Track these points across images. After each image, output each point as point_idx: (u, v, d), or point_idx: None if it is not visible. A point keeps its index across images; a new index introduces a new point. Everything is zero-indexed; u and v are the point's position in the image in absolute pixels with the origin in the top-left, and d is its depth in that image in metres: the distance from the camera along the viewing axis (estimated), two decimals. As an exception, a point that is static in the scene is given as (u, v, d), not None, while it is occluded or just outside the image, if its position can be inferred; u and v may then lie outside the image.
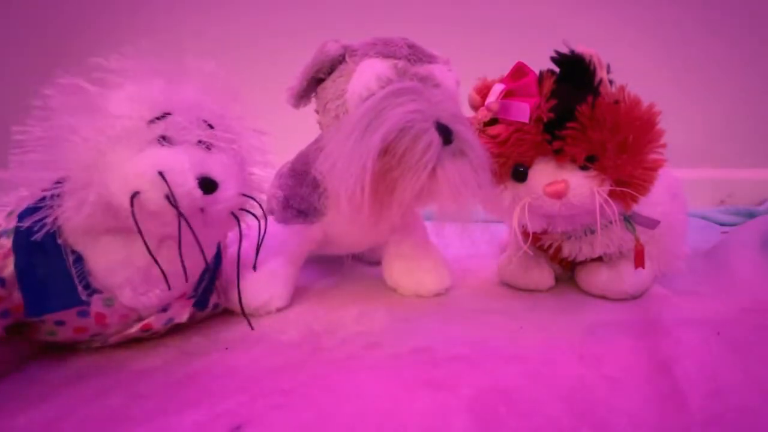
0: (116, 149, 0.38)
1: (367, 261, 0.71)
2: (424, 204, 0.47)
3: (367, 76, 0.45)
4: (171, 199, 0.37)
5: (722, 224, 0.95)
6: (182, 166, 0.38)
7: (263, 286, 0.52)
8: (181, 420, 0.34)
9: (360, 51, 0.47)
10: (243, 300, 0.51)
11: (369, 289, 0.60)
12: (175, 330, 0.47)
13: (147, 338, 0.45)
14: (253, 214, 0.44)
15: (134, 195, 0.37)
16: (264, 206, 0.45)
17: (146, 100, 0.40)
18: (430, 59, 0.48)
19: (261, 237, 0.46)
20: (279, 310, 0.53)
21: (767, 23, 1.07)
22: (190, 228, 0.38)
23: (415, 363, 0.42)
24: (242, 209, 0.43)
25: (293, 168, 0.57)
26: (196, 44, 1.10)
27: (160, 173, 0.37)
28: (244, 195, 0.42)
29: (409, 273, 0.58)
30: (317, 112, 0.51)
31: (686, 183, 0.62)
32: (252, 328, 0.48)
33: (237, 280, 0.49)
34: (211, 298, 0.49)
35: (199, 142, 0.41)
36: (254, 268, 0.50)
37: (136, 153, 0.38)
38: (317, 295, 0.58)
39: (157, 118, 0.39)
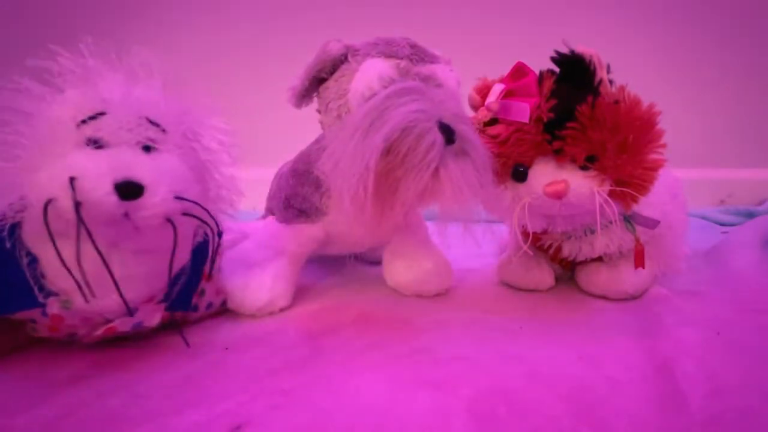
0: (42, 153, 0.37)
1: (368, 261, 0.71)
2: (426, 204, 0.47)
3: (369, 75, 0.45)
4: (78, 206, 0.35)
5: (722, 224, 0.95)
6: (97, 170, 0.36)
7: (266, 286, 0.52)
8: (181, 420, 0.34)
9: (362, 51, 0.47)
10: (247, 300, 0.52)
11: (369, 289, 0.60)
12: (174, 330, 0.47)
13: (141, 337, 0.45)
14: (202, 220, 0.41)
15: (48, 202, 0.35)
16: (212, 212, 0.43)
17: (75, 100, 0.38)
18: (432, 59, 0.48)
19: (215, 245, 0.43)
20: (282, 310, 0.53)
21: (767, 24, 1.07)
22: (91, 238, 0.36)
23: (415, 363, 0.42)
24: (188, 214, 0.40)
25: (294, 168, 0.57)
26: (198, 44, 1.10)
27: (71, 179, 0.35)
28: (182, 199, 0.39)
29: (409, 273, 0.58)
30: (319, 111, 0.51)
31: (686, 183, 0.62)
32: (187, 345, 0.45)
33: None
34: (194, 299, 0.48)
35: (140, 143, 0.39)
36: (209, 276, 0.49)
37: (60, 157, 0.36)
38: (318, 295, 0.58)
39: (90, 119, 0.38)
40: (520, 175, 0.51)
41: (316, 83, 0.50)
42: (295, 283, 0.56)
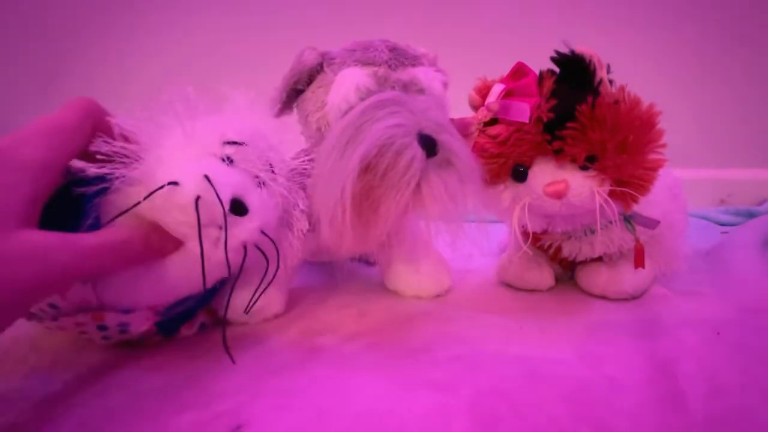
0: (169, 156, 0.38)
1: (367, 261, 0.70)
2: (411, 217, 0.46)
3: (345, 87, 0.43)
4: (197, 199, 0.36)
5: (722, 224, 0.95)
6: (228, 178, 0.38)
7: (258, 294, 0.51)
8: (181, 420, 0.34)
9: (338, 59, 0.46)
10: (237, 307, 0.50)
11: (368, 289, 0.60)
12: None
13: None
14: (264, 254, 0.42)
15: (170, 183, 0.36)
16: (280, 251, 0.44)
17: (228, 123, 0.41)
18: (414, 61, 0.47)
19: (270, 279, 0.45)
20: (276, 316, 0.52)
21: (767, 23, 1.07)
22: (200, 231, 0.37)
23: (415, 363, 0.42)
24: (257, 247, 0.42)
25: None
26: (199, 44, 1.10)
27: (205, 175, 0.37)
28: (264, 234, 0.41)
29: (408, 274, 0.58)
30: (300, 123, 0.50)
31: (686, 183, 0.62)
32: (233, 362, 0.42)
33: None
34: (183, 327, 0.47)
35: (256, 177, 0.42)
36: (246, 312, 0.46)
37: (194, 159, 0.39)
38: (317, 296, 0.58)
39: (236, 143, 0.41)
40: (520, 175, 0.51)
41: (294, 94, 0.49)
42: (287, 290, 0.54)
